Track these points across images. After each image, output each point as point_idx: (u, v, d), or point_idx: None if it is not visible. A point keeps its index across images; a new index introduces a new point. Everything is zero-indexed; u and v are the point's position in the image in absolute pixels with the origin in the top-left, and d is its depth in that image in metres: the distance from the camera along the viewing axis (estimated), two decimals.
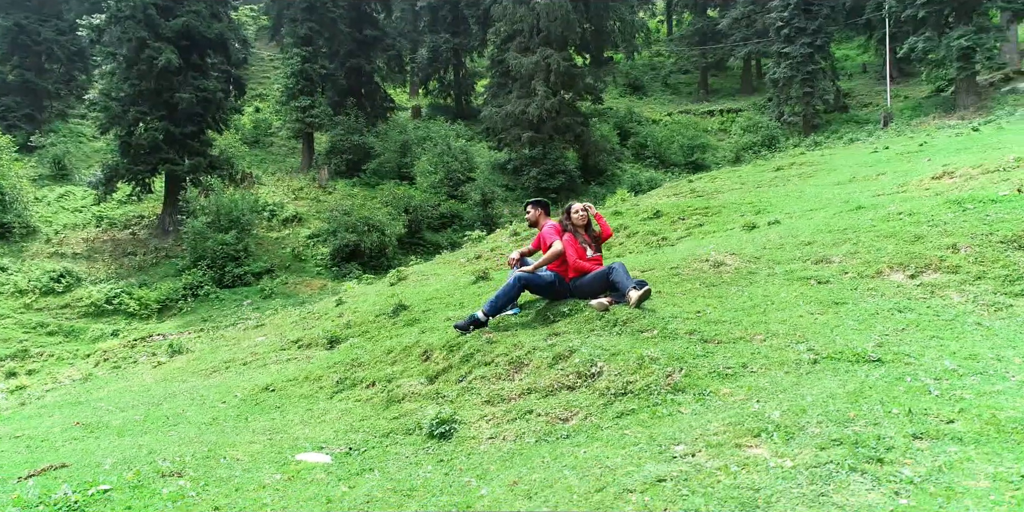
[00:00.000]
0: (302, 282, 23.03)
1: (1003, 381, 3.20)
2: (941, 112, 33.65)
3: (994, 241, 5.59)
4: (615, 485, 2.60)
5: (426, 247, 26.07)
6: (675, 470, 2.56)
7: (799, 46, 37.40)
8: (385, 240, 24.24)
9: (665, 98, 49.81)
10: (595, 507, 2.47)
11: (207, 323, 19.71)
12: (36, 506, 4.06)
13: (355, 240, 23.36)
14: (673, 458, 2.75)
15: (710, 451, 2.68)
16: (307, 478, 4.16)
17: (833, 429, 2.59)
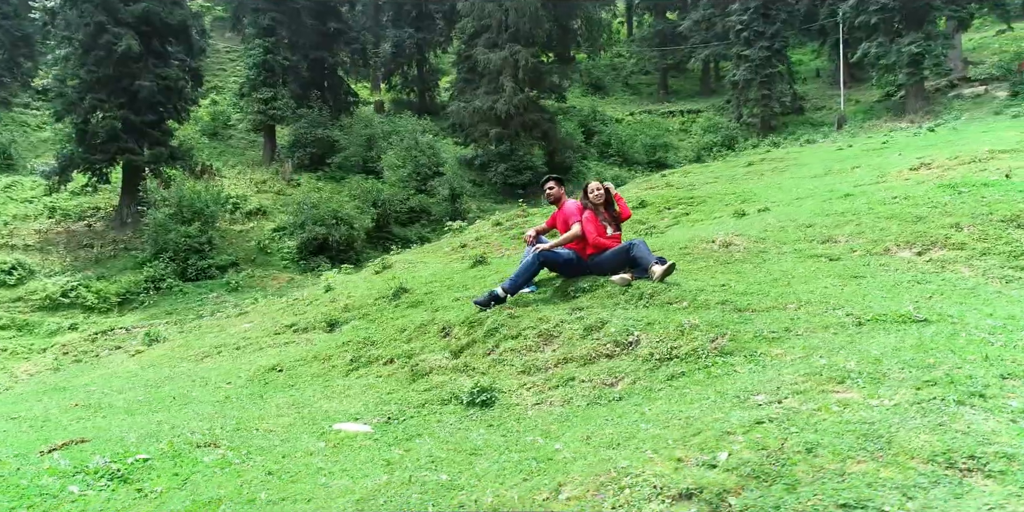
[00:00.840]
0: (269, 276, 22.60)
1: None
2: (892, 116, 34.95)
3: (995, 220, 5.90)
4: (711, 429, 2.67)
5: (395, 241, 25.82)
6: (770, 414, 2.64)
7: (758, 49, 38.35)
8: (354, 233, 23.97)
9: (626, 98, 50.45)
10: (700, 448, 2.53)
11: (172, 316, 19.18)
12: (73, 475, 3.94)
13: (324, 233, 23.04)
14: (759, 405, 2.84)
15: (798, 397, 2.78)
16: (354, 445, 4.13)
17: (919, 373, 2.72)
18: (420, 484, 3.21)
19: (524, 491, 2.77)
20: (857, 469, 2.09)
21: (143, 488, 3.68)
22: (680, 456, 2.49)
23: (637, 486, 2.38)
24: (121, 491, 3.67)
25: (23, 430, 5.54)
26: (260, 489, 3.51)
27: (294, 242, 24.13)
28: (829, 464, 2.14)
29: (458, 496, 2.96)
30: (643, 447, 2.80)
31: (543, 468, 3.00)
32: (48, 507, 3.54)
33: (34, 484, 3.86)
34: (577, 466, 2.87)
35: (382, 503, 3.07)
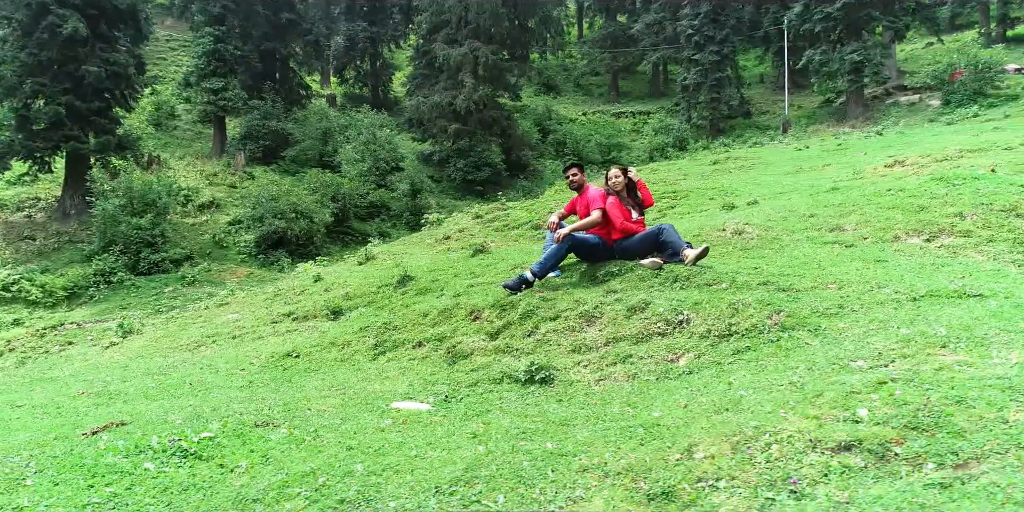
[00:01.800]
0: (226, 269, 21.98)
1: None
2: (834, 121, 36.45)
3: (995, 209, 6.30)
4: (831, 391, 2.81)
5: (354, 236, 25.53)
6: (888, 375, 2.80)
7: (708, 54, 39.41)
8: (314, 227, 23.54)
9: (578, 98, 51.04)
10: (831, 407, 2.66)
11: (126, 311, 18.45)
12: (138, 454, 3.82)
13: (283, 227, 22.53)
14: (865, 369, 3.00)
15: (906, 361, 2.94)
16: (424, 421, 4.13)
17: (1019, 337, 2.93)
18: (525, 452, 3.26)
19: (651, 452, 2.86)
20: (1019, 417, 2.26)
21: (225, 464, 3.60)
22: (815, 415, 2.61)
23: (785, 441, 2.50)
24: (202, 467, 3.59)
25: (39, 417, 5.31)
26: (350, 462, 3.48)
27: (251, 236, 23.53)
28: (988, 414, 2.30)
29: (575, 461, 3.02)
30: (760, 409, 2.92)
31: (655, 433, 3.09)
32: (130, 483, 3.43)
33: (101, 463, 3.73)
34: (694, 429, 2.97)
35: (494, 470, 3.10)
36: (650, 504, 2.47)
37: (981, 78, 30.57)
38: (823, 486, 2.19)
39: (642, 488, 2.59)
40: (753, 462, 2.47)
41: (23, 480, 3.59)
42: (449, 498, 2.93)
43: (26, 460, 3.93)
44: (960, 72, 31.51)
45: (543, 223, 12.38)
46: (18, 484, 3.55)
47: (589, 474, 2.87)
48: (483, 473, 3.10)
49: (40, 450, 4.11)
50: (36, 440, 4.43)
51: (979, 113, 28.03)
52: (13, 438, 4.58)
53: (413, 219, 27.08)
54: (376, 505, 2.97)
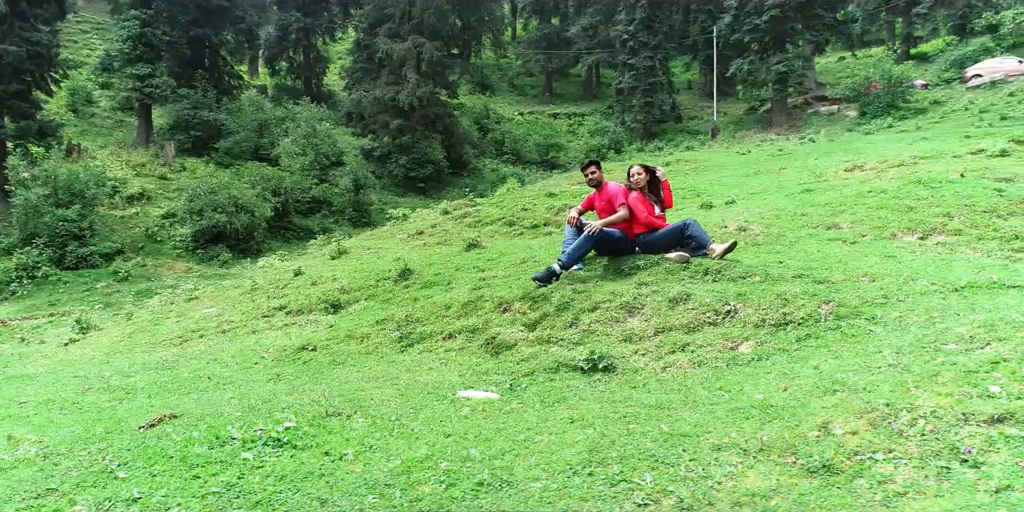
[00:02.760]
0: (163, 265, 20.98)
1: None
2: (759, 128, 38.21)
3: (978, 211, 6.88)
4: (947, 370, 3.06)
5: (295, 231, 24.89)
6: (998, 356, 3.07)
7: (642, 59, 40.49)
8: (255, 222, 22.80)
9: (512, 98, 51.35)
10: (957, 384, 2.90)
11: (56, 308, 17.35)
12: (222, 445, 3.72)
13: (224, 221, 21.71)
14: (963, 351, 3.27)
15: (1003, 343, 3.23)
16: (503, 409, 4.18)
17: None
18: (641, 434, 3.38)
19: (782, 431, 3.04)
20: None
21: (329, 452, 3.55)
22: (947, 392, 2.85)
23: (930, 416, 2.72)
24: (305, 455, 3.52)
25: (63, 413, 5.02)
26: (460, 448, 3.51)
27: (188, 230, 22.55)
28: None
29: (702, 441, 3.16)
30: (878, 389, 3.14)
31: (772, 413, 3.27)
32: (238, 472, 3.34)
33: (190, 454, 3.60)
34: (813, 409, 3.17)
35: (621, 451, 3.21)
36: (813, 477, 2.64)
37: (893, 92, 32.75)
38: (994, 454, 2.42)
39: (796, 463, 2.76)
40: (905, 436, 2.68)
41: (113, 473, 3.45)
42: (591, 478, 3.01)
43: (96, 454, 3.75)
44: (875, 85, 33.65)
45: (516, 219, 12.51)
46: (111, 476, 3.41)
47: (725, 452, 3.02)
48: (611, 454, 3.20)
49: (103, 444, 3.93)
50: (84, 435, 4.23)
51: (893, 124, 30.02)
52: (56, 433, 4.35)
53: (356, 215, 26.66)
54: (519, 487, 3.02)
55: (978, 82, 33.41)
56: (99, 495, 3.23)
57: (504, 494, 2.97)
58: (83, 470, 3.55)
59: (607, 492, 2.87)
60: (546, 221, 12.01)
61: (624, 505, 2.75)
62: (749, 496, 2.59)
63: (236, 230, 22.22)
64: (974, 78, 33.94)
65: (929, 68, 40.51)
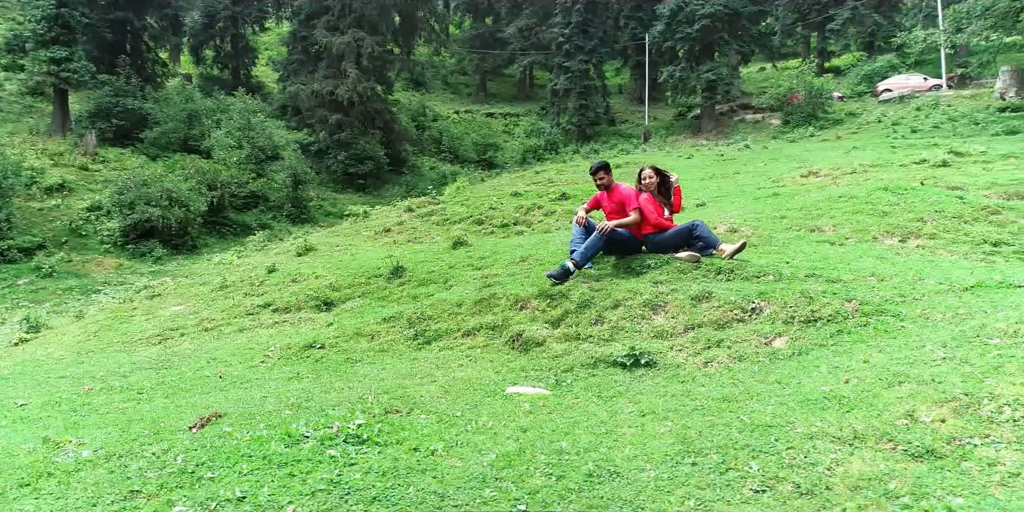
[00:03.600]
0: (91, 260, 19.83)
1: None
2: (689, 133, 39.59)
3: (948, 216, 7.45)
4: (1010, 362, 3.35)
5: (232, 228, 24.03)
6: None
7: (577, 62, 41.21)
8: (190, 217, 21.88)
9: (446, 97, 51.22)
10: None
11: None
12: (296, 443, 3.67)
13: (158, 215, 20.72)
14: (1014, 345, 3.58)
15: None
16: (562, 404, 4.27)
17: None
18: (724, 426, 3.54)
19: (868, 419, 3.26)
20: None
21: (419, 447, 3.55)
22: (1021, 382, 3.15)
23: (1015, 404, 3.00)
24: (392, 452, 3.51)
25: (80, 415, 4.77)
26: (548, 441, 3.58)
27: (116, 224, 21.39)
28: None
29: (790, 431, 3.35)
30: (947, 379, 3.41)
31: (847, 404, 3.49)
32: (333, 468, 3.30)
33: (270, 452, 3.53)
34: (888, 399, 3.41)
35: (714, 441, 3.36)
36: (920, 461, 2.86)
37: (814, 103, 34.64)
38: None
39: (896, 449, 2.98)
40: (996, 422, 2.95)
41: (194, 473, 3.36)
42: (695, 467, 3.15)
43: (163, 455, 3.63)
44: (797, 96, 35.49)
45: (485, 218, 12.56)
46: (195, 477, 3.32)
47: (818, 441, 3.21)
48: (705, 445, 3.35)
49: (163, 444, 3.80)
50: (128, 437, 4.06)
51: (814, 133, 31.73)
52: (91, 435, 4.16)
53: (295, 211, 25.99)
54: (628, 477, 3.13)
55: (888, 96, 35.78)
56: (195, 495, 3.14)
57: (617, 484, 3.07)
58: (159, 471, 3.43)
59: (718, 480, 3.01)
60: (515, 220, 12.12)
61: (741, 491, 2.90)
62: (865, 480, 2.79)
63: (170, 225, 21.25)
64: (884, 92, 36.34)
65: (842, 81, 42.98)
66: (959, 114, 29.23)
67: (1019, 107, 28.74)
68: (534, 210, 12.35)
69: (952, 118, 28.80)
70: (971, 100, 32.10)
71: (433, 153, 36.38)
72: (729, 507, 2.80)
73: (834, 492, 2.78)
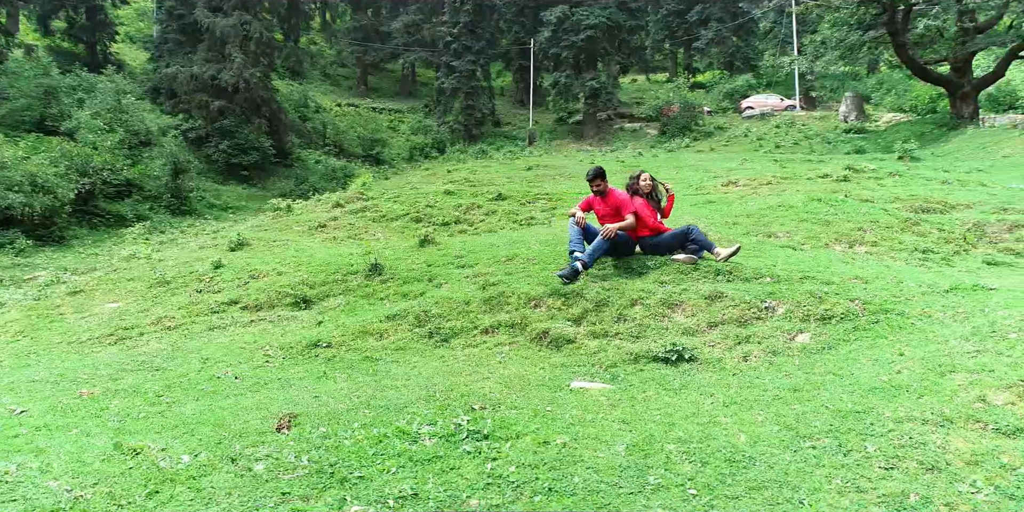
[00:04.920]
0: None
1: None
2: (572, 138, 41.03)
3: (881, 226, 8.42)
4: None
5: (105, 218, 21.99)
6: None
7: (465, 62, 41.42)
8: (57, 205, 19.77)
9: (325, 88, 49.54)
10: None
11: None
12: (414, 441, 3.68)
13: (20, 202, 18.56)
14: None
15: None
16: (637, 397, 4.50)
17: None
18: (813, 413, 3.93)
19: (943, 404, 3.75)
20: None
21: (547, 441, 3.63)
22: None
23: None
24: (523, 445, 3.58)
25: (113, 422, 4.38)
26: (661, 431, 3.80)
27: None
28: None
29: (879, 415, 3.77)
30: (997, 367, 4.00)
31: (913, 392, 3.95)
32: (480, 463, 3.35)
33: (402, 450, 3.50)
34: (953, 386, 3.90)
35: (817, 426, 3.73)
36: (1015, 438, 3.36)
37: (688, 115, 37.14)
38: None
39: (987, 428, 3.48)
40: None
41: (335, 473, 3.36)
42: (817, 450, 3.48)
43: (275, 456, 3.51)
44: (674, 108, 37.87)
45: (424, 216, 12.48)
46: (340, 478, 3.29)
47: (910, 424, 3.66)
48: (811, 430, 3.71)
49: (263, 447, 3.68)
50: (212, 440, 3.86)
51: (690, 144, 34.02)
52: (162, 439, 3.90)
53: (174, 202, 24.24)
54: (766, 461, 3.42)
55: (750, 113, 39.04)
56: (359, 494, 3.12)
57: (760, 468, 3.35)
58: (290, 473, 3.38)
59: (846, 461, 3.37)
60: (456, 219, 12.15)
61: (873, 469, 3.27)
62: (978, 455, 3.24)
63: (33, 214, 19.07)
64: (747, 110, 39.60)
65: (707, 97, 46.20)
66: (813, 133, 32.52)
67: (861, 129, 32.45)
68: (474, 209, 12.43)
69: (808, 136, 32.00)
70: (820, 121, 35.78)
71: (318, 146, 35.13)
72: (871, 483, 3.15)
73: (955, 467, 3.21)
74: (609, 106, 40.50)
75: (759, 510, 2.98)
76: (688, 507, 3.00)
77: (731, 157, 22.14)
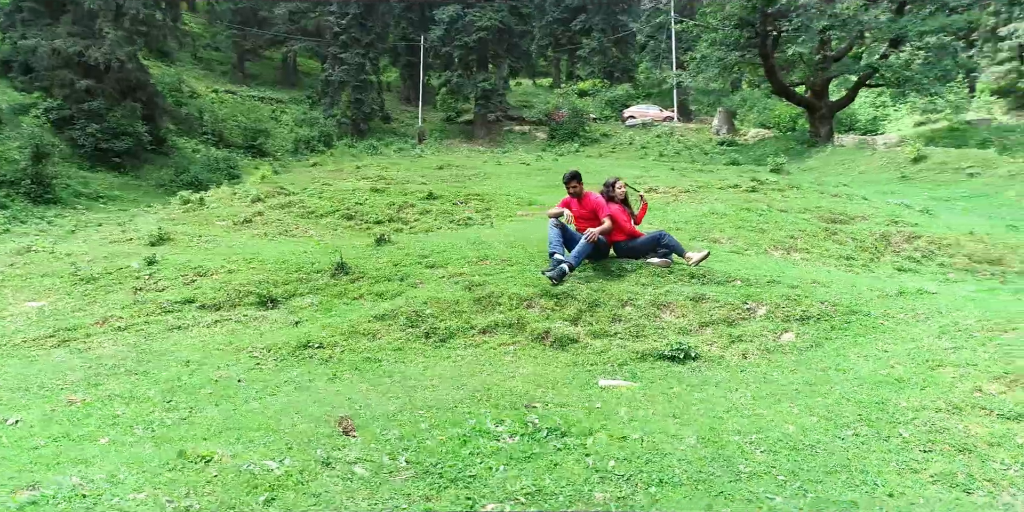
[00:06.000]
0: None
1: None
2: (463, 138, 41.18)
3: (808, 235, 9.25)
4: (1016, 347, 4.65)
5: None
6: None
7: (354, 54, 40.46)
8: None
9: (197, 72, 46.43)
10: None
11: None
12: (495, 439, 3.75)
13: None
14: (997, 334, 4.88)
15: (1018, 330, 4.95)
16: (666, 394, 4.77)
17: None
18: (837, 404, 4.37)
19: (945, 394, 4.30)
20: None
21: (625, 436, 3.80)
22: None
23: None
24: (604, 440, 3.74)
25: (138, 430, 4.07)
26: (715, 424, 4.09)
27: None
28: None
29: (895, 406, 4.27)
30: (976, 362, 4.58)
31: (915, 384, 4.48)
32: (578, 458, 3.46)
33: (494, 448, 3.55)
34: (946, 378, 4.47)
35: (844, 417, 4.16)
36: (1018, 422, 3.93)
37: (576, 121, 38.41)
38: None
39: (992, 413, 4.04)
40: None
41: (443, 473, 3.39)
42: (859, 438, 3.90)
43: (366, 459, 3.48)
44: (562, 113, 39.01)
45: (355, 213, 12.18)
46: (450, 478, 3.35)
47: (925, 412, 4.16)
48: (845, 420, 4.14)
49: (343, 451, 3.64)
50: (279, 446, 3.74)
51: (579, 149, 35.24)
52: (221, 446, 3.71)
53: (37, 189, 21.86)
54: (821, 448, 3.79)
55: (632, 122, 40.99)
56: (483, 493, 3.20)
57: (823, 455, 3.71)
58: (390, 475, 3.38)
59: (890, 446, 3.80)
60: (390, 217, 11.96)
61: (915, 452, 3.72)
62: (997, 437, 3.77)
63: None
64: (630, 119, 41.55)
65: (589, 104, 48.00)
66: (692, 144, 34.74)
67: (732, 142, 35.07)
68: (407, 208, 12.28)
69: (688, 147, 34.12)
70: (696, 133, 38.28)
71: (195, 134, 32.88)
72: (920, 465, 3.59)
73: (981, 449, 3.72)
74: (500, 108, 41.03)
75: (844, 492, 3.31)
76: (787, 491, 3.29)
77: (631, 164, 23.24)
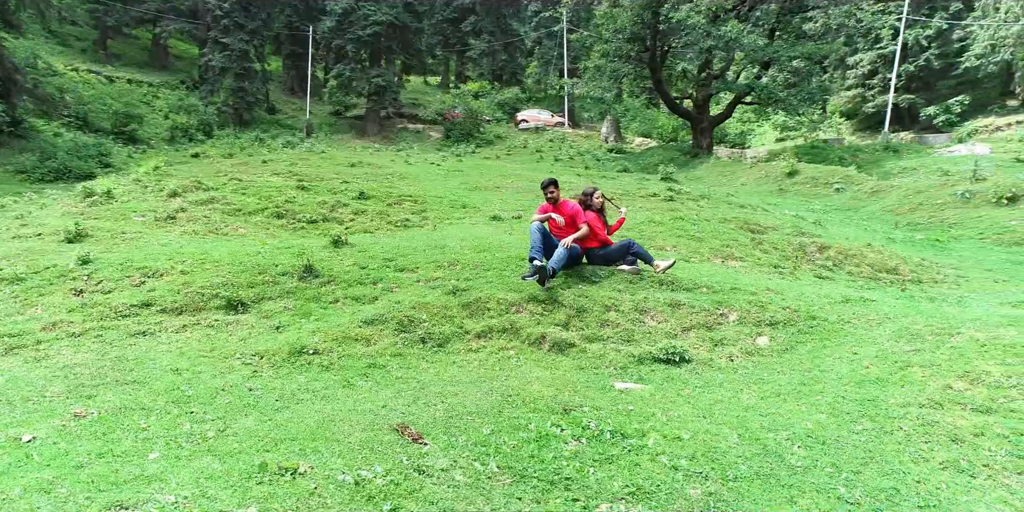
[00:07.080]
0: None
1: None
2: (355, 134, 40.21)
3: (740, 244, 9.99)
4: (991, 345, 5.37)
5: None
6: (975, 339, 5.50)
7: (237, 40, 38.50)
8: None
9: (52, 47, 42.28)
10: (990, 356, 5.24)
11: None
12: (564, 442, 3.92)
13: None
14: (947, 338, 5.63)
15: (961, 335, 5.69)
16: (680, 395, 5.12)
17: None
18: (838, 402, 4.89)
19: (919, 392, 4.94)
20: None
21: (678, 437, 4.07)
22: (994, 361, 5.15)
23: (1002, 376, 4.97)
24: (659, 440, 4.01)
25: (182, 446, 3.87)
26: (751, 423, 4.47)
27: None
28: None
29: (885, 402, 4.86)
30: (955, 359, 5.31)
31: (893, 383, 5.12)
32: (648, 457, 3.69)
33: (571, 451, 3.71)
34: (916, 378, 5.13)
35: (850, 412, 4.69)
36: (988, 414, 4.56)
37: (473, 122, 38.62)
38: None
39: (967, 408, 4.67)
40: (1006, 387, 4.79)
41: (541, 476, 3.46)
42: (868, 431, 4.42)
43: (466, 466, 3.57)
44: (457, 113, 39.09)
45: (285, 212, 11.75)
46: (553, 482, 3.46)
47: (912, 408, 4.76)
48: (851, 416, 4.66)
49: (434, 458, 3.68)
50: (355, 456, 3.71)
51: (476, 150, 35.45)
52: (296, 457, 3.65)
53: None
54: (840, 442, 4.27)
55: (526, 126, 41.78)
56: (587, 493, 3.37)
57: (848, 448, 4.18)
58: (490, 480, 3.43)
59: (896, 437, 4.33)
60: (324, 217, 11.62)
61: (919, 443, 4.27)
62: (979, 428, 4.40)
63: None
64: (523, 122, 42.32)
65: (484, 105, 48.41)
66: (584, 150, 35.94)
67: (621, 150, 36.66)
68: (340, 208, 11.97)
69: (580, 152, 35.26)
70: (586, 139, 39.63)
71: (57, 116, 29.91)
72: (928, 454, 4.15)
73: (970, 439, 4.33)
74: (393, 105, 40.45)
75: (882, 480, 3.78)
76: (837, 482, 3.71)
77: (533, 167, 23.76)
